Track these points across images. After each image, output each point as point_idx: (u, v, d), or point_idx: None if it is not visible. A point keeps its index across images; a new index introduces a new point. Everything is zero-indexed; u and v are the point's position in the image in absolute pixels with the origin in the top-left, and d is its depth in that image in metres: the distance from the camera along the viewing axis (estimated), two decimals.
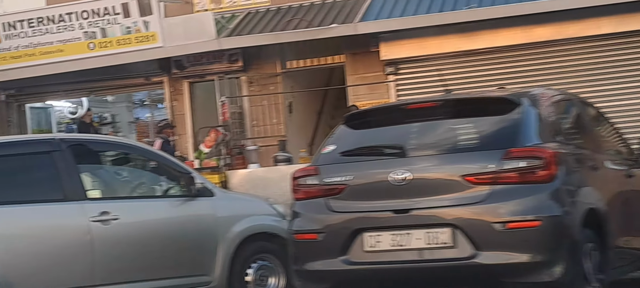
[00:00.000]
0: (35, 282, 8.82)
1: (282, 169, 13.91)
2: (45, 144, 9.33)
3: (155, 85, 19.20)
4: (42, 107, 21.02)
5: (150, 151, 9.91)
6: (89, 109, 20.98)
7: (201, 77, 18.42)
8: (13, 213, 8.86)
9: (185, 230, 9.59)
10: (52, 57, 17.98)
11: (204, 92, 18.72)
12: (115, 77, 18.93)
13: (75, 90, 19.64)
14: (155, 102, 23.84)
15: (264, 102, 17.80)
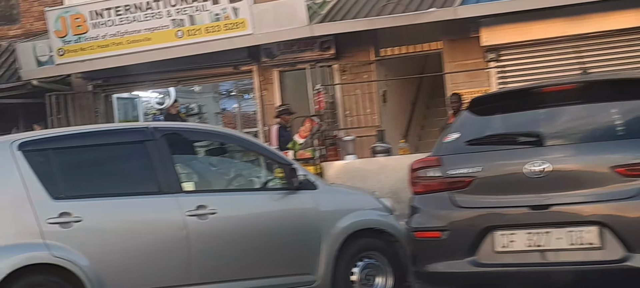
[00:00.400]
0: (127, 279, 8.33)
1: (380, 161, 13.21)
2: (138, 133, 8.79)
3: (244, 74, 18.64)
4: (129, 98, 20.62)
5: (249, 140, 9.26)
6: (176, 100, 20.52)
7: (292, 66, 17.80)
8: (105, 207, 8.36)
9: (286, 226, 8.98)
10: (140, 46, 17.54)
11: (294, 81, 18.11)
12: (203, 66, 18.41)
13: (162, 80, 19.19)
14: (242, 93, 23.30)
15: (357, 91, 17.12)
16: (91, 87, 19.26)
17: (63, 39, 17.91)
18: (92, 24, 17.74)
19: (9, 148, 8.24)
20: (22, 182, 8.10)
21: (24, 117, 19.63)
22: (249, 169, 9.54)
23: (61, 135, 8.76)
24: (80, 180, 8.49)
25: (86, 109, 19.16)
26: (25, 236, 8.02)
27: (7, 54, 20.03)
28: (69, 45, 17.94)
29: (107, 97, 19.60)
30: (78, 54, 17.95)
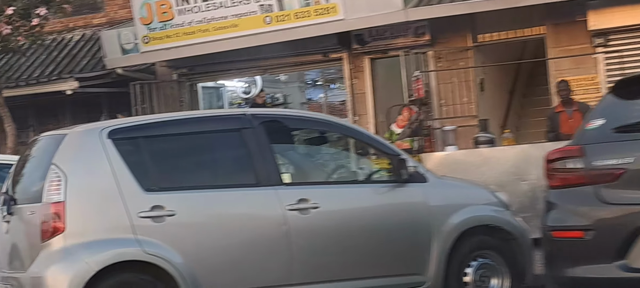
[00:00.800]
0: (223, 279, 7.80)
1: (483, 152, 12.41)
2: (235, 120, 8.18)
3: (334, 62, 17.97)
4: (214, 87, 20.09)
5: (353, 128, 8.58)
6: (262, 89, 19.92)
7: (384, 53, 17.07)
8: (200, 200, 7.78)
9: (394, 222, 8.31)
10: (226, 33, 17.00)
11: (386, 69, 17.39)
12: (290, 54, 17.78)
13: (248, 68, 18.61)
14: (328, 82, 22.60)
15: (453, 79, 16.31)
16: (176, 75, 18.79)
17: (148, 26, 17.45)
18: (177, 11, 17.24)
19: (98, 136, 7.70)
20: (112, 172, 7.57)
21: (107, 107, 19.27)
22: (353, 160, 8.85)
23: (153, 123, 8.19)
24: (173, 171, 7.96)
25: (170, 99, 18.69)
26: (115, 231, 7.52)
27: (91, 42, 19.70)
28: (154, 32, 17.48)
29: (192, 86, 19.10)
30: (163, 41, 17.48)
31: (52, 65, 19.13)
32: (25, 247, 7.77)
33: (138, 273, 7.51)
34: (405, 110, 14.97)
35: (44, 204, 7.46)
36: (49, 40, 18.97)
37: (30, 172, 8.16)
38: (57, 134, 8.07)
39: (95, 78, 18.57)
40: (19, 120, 18.16)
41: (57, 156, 7.60)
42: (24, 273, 7.60)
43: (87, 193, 7.54)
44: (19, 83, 18.54)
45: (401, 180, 8.30)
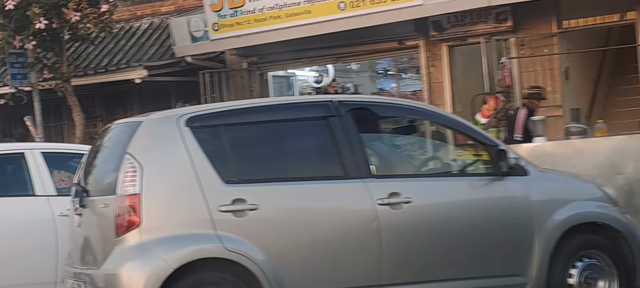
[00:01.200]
0: (308, 278, 7.27)
1: (575, 144, 11.67)
2: (320, 108, 7.61)
3: (410, 49, 17.32)
4: (285, 76, 19.56)
5: (449, 117, 7.94)
6: (334, 79, 19.38)
7: (462, 40, 16.35)
8: (284, 193, 7.24)
9: (493, 218, 7.71)
10: (298, 20, 16.42)
11: (464, 57, 16.69)
12: (364, 42, 17.16)
13: (320, 56, 18.03)
14: (400, 72, 22.00)
15: (536, 68, 15.54)
16: (246, 64, 18.27)
17: (218, 13, 16.96)
18: None
19: (175, 124, 7.18)
20: (190, 163, 7.05)
21: (176, 96, 18.85)
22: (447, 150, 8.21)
23: (233, 110, 7.64)
24: (255, 161, 7.42)
25: (240, 88, 18.18)
26: (193, 225, 7.01)
27: (160, 30, 19.31)
28: (225, 19, 16.98)
29: (262, 75, 18.57)
30: (234, 28, 16.98)
31: (120, 53, 18.77)
32: (98, 241, 7.29)
33: (218, 272, 6.99)
34: (492, 99, 14.29)
35: (119, 196, 6.96)
36: (116, 28, 18.62)
37: (103, 162, 7.66)
38: (131, 121, 7.57)
39: (164, 67, 18.16)
40: (86, 110, 17.89)
41: (132, 145, 7.09)
42: (97, 270, 7.11)
43: (164, 185, 7.03)
44: (87, 72, 18.21)
45: (500, 173, 7.67)
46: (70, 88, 16.83)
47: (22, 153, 9.62)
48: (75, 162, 9.52)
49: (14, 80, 16.69)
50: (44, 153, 9.69)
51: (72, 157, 10.03)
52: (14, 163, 9.72)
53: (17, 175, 9.69)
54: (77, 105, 16.89)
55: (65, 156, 10.10)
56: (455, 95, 16.55)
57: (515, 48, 15.71)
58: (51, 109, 19.25)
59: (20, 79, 16.74)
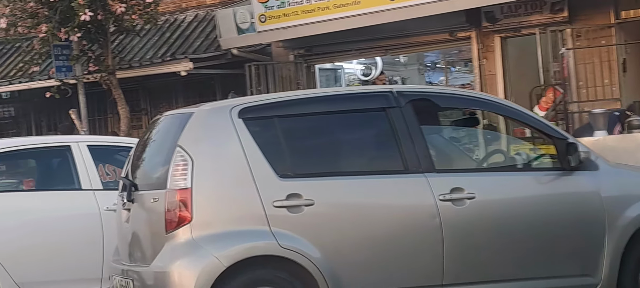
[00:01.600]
0: (367, 278, 6.95)
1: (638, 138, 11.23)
2: (379, 98, 7.27)
3: (461, 41, 16.88)
4: (332, 69, 19.22)
5: (514, 109, 7.53)
6: (383, 72, 19.00)
7: (516, 31, 15.90)
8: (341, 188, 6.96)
9: (561, 215, 7.32)
10: (347, 11, 16.04)
11: (517, 49, 16.25)
12: (414, 33, 16.76)
13: (368, 48, 17.66)
14: (449, 65, 21.58)
15: (593, 60, 15.07)
16: (293, 56, 17.95)
17: (265, 4, 16.65)
18: None
19: (228, 115, 6.86)
20: (244, 155, 6.74)
21: (221, 89, 18.60)
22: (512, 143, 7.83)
23: (288, 100, 7.31)
24: (310, 155, 7.11)
25: (287, 80, 17.87)
26: (246, 221, 6.70)
27: (204, 23, 19.05)
28: (272, 11, 16.66)
29: (309, 67, 18.23)
30: (281, 20, 16.65)
31: (164, 46, 18.54)
32: (147, 237, 7.00)
33: (272, 270, 6.67)
34: (550, 91, 13.87)
35: (169, 191, 6.66)
36: (161, 21, 18.40)
37: (152, 155, 7.37)
38: (182, 112, 7.26)
39: (209, 59, 17.90)
40: (130, 103, 17.69)
41: (183, 137, 6.79)
42: (146, 267, 6.82)
43: (216, 179, 6.72)
44: (132, 64, 17.99)
45: (569, 168, 7.27)
46: (115, 81, 16.64)
47: (68, 146, 9.42)
48: (121, 156, 9.33)
49: (59, 72, 16.52)
50: (90, 146, 9.47)
51: (118, 150, 9.83)
52: (60, 157, 9.53)
53: (63, 168, 9.52)
54: (122, 98, 16.69)
55: (111, 149, 9.91)
56: (507, 88, 16.12)
57: (570, 39, 15.25)
58: (96, 102, 19.09)
59: (65, 71, 16.57)
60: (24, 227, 8.99)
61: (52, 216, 9.11)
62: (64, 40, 16.15)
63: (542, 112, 13.78)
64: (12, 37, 17.06)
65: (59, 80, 16.50)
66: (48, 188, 9.55)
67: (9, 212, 8.98)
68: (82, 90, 16.79)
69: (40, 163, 9.91)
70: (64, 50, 16.48)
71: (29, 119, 21.03)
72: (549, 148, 7.50)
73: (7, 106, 21.88)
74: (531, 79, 15.27)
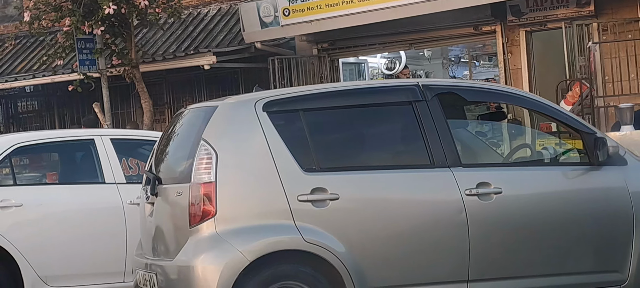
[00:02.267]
0: (391, 273, 6.88)
1: None
2: (405, 92, 7.16)
3: (486, 35, 16.76)
4: (355, 63, 19.13)
5: (541, 102, 7.43)
6: (406, 66, 18.90)
7: (541, 25, 15.77)
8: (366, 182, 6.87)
9: (589, 210, 7.20)
10: (372, 4, 15.95)
11: (542, 43, 16.12)
12: (438, 27, 16.66)
13: (393, 42, 17.55)
14: (473, 59, 21.42)
15: (620, 54, 14.93)
16: (316, 50, 17.88)
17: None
18: None
19: (252, 108, 6.79)
20: (268, 149, 6.67)
21: (244, 83, 18.57)
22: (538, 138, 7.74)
23: (313, 94, 7.23)
24: (335, 149, 7.04)
25: (310, 74, 17.81)
26: (270, 216, 6.64)
27: (228, 16, 19.01)
28: (295, 4, 16.61)
29: (333, 61, 18.16)
30: (304, 14, 16.60)
31: (188, 40, 18.52)
32: (170, 231, 6.96)
33: (297, 265, 6.61)
34: (576, 86, 13.73)
35: (193, 185, 6.61)
36: (185, 14, 18.37)
37: (176, 148, 7.32)
38: (206, 106, 7.21)
39: (232, 53, 17.86)
40: (153, 97, 17.69)
41: (207, 131, 6.73)
42: (170, 262, 6.77)
43: (240, 172, 6.67)
44: (155, 58, 17.98)
45: (597, 163, 7.17)
46: (139, 74, 16.63)
47: (92, 140, 9.40)
48: (145, 149, 9.30)
49: (82, 66, 16.55)
50: (113, 140, 9.45)
51: (141, 144, 9.81)
52: (84, 150, 9.52)
53: (87, 162, 9.52)
54: (145, 91, 16.69)
55: (134, 143, 9.88)
56: (532, 82, 15.99)
57: (597, 33, 15.12)
58: (119, 96, 19.11)
59: (89, 64, 16.60)
60: (47, 221, 8.99)
61: (75, 210, 9.11)
62: (88, 34, 16.17)
63: (569, 106, 13.64)
64: (35, 31, 17.06)
65: (82, 74, 16.51)
66: (71, 182, 9.54)
67: (33, 205, 8.97)
68: (106, 83, 16.79)
69: (63, 157, 9.90)
70: (88, 44, 16.50)
71: (53, 113, 21.07)
72: (576, 143, 7.40)
73: (30, 99, 21.94)
74: (557, 73, 15.15)
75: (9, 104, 22.03)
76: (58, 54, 17.25)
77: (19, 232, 8.83)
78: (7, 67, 20.21)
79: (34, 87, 20.99)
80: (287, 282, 6.55)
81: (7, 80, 19.36)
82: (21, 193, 9.02)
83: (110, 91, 17.03)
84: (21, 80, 19.43)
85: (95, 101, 16.96)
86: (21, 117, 21.76)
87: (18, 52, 20.51)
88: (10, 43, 19.55)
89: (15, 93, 21.25)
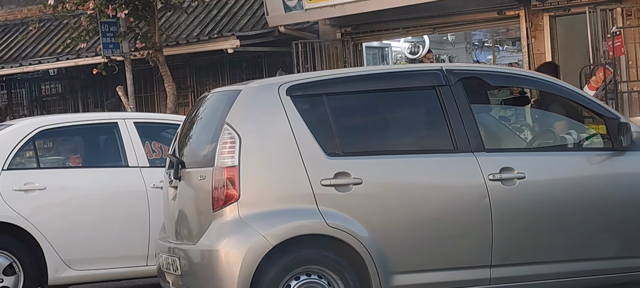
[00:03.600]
0: (414, 258, 6.88)
1: None
2: (429, 76, 7.15)
3: (510, 19, 16.65)
4: (378, 47, 19.07)
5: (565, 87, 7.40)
6: (430, 50, 18.82)
7: (565, 10, 15.66)
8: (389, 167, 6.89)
9: (612, 195, 7.20)
10: None
11: (566, 28, 16.00)
12: (462, 11, 16.58)
13: (416, 26, 17.47)
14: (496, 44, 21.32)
15: None
16: (340, 34, 17.84)
17: None
18: None
19: (276, 92, 6.79)
20: (292, 133, 6.68)
21: (268, 67, 18.56)
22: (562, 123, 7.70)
23: (336, 78, 7.22)
24: (358, 133, 7.04)
25: (333, 59, 17.77)
26: (293, 200, 6.66)
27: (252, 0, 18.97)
28: None
29: (356, 45, 18.11)
30: None
31: (211, 23, 18.53)
32: (193, 215, 6.98)
33: (320, 249, 6.62)
34: (600, 71, 13.64)
35: (216, 169, 6.62)
36: None
37: (200, 132, 7.34)
38: (230, 90, 7.21)
39: (256, 37, 17.85)
40: (177, 81, 17.72)
41: (231, 115, 6.74)
42: (192, 245, 6.80)
43: (264, 157, 6.67)
44: (179, 41, 18.00)
45: (621, 148, 7.14)
46: (162, 58, 16.65)
47: (115, 123, 9.42)
48: (168, 133, 9.31)
49: (106, 49, 16.57)
50: (137, 124, 9.46)
51: (164, 127, 9.82)
52: (107, 134, 9.54)
53: (110, 145, 9.53)
54: (168, 75, 16.71)
55: (158, 126, 9.89)
56: None
57: (621, 18, 15.00)
58: (142, 79, 19.15)
59: (112, 48, 16.62)
60: (70, 204, 9.02)
61: (98, 193, 9.13)
62: (112, 17, 16.19)
63: (592, 91, 13.55)
64: (59, 14, 17.11)
65: (106, 57, 16.54)
66: (95, 166, 9.57)
67: (56, 188, 9.01)
68: (129, 67, 16.83)
69: (87, 140, 9.92)
70: (112, 27, 16.52)
71: (76, 96, 21.15)
72: (599, 128, 7.37)
73: (54, 83, 22.03)
74: (580, 58, 15.04)
75: (33, 87, 22.13)
76: (82, 37, 17.29)
77: (42, 215, 8.87)
78: (31, 50, 20.29)
79: (58, 71, 21.06)
80: (310, 266, 6.56)
81: (30, 64, 19.43)
82: (45, 177, 9.05)
83: (134, 74, 17.06)
84: (45, 64, 19.50)
85: (118, 84, 17.00)
86: (45, 100, 21.85)
87: (42, 35, 20.58)
88: (34, 26, 19.60)
89: (39, 76, 21.34)
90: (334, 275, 6.59)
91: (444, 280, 6.78)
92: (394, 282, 6.67)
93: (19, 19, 21.60)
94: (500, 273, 6.85)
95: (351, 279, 6.59)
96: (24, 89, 22.26)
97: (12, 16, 21.81)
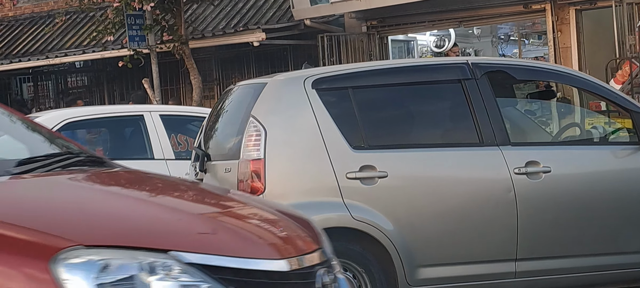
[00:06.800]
0: (439, 251, 6.86)
1: None
2: (454, 70, 7.13)
3: (536, 13, 16.64)
4: (404, 40, 19.05)
5: (591, 81, 7.36)
6: (456, 44, 18.78)
7: (591, 3, 15.61)
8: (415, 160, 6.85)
9: (637, 190, 7.12)
10: None
11: (592, 22, 15.96)
12: (488, 5, 16.55)
13: (442, 20, 17.48)
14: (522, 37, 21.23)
15: None
16: (365, 27, 17.85)
17: None
18: None
19: (302, 85, 6.80)
20: (317, 126, 6.68)
21: (293, 60, 18.59)
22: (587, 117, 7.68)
23: (362, 71, 7.22)
24: (384, 126, 7.03)
25: (359, 52, 17.79)
26: (319, 193, 6.64)
27: None
28: None
29: (382, 39, 18.12)
30: None
31: (237, 16, 18.57)
32: None
33: (345, 242, 6.61)
34: (626, 64, 13.59)
35: (242, 161, 6.63)
36: None
37: (225, 125, 7.37)
38: (255, 82, 7.24)
39: (281, 30, 17.88)
40: (203, 73, 17.76)
41: (256, 108, 6.75)
42: None
43: (289, 150, 6.68)
44: (205, 34, 18.06)
45: None
46: (188, 50, 16.71)
47: (141, 115, 9.45)
48: (194, 126, 9.34)
49: (132, 42, 16.66)
50: (162, 116, 9.50)
51: (190, 120, 9.85)
52: (133, 126, 9.58)
53: (136, 137, 9.57)
54: (194, 68, 16.77)
55: (183, 119, 9.92)
56: (582, 61, 15.86)
57: None
58: (168, 72, 19.22)
59: (138, 40, 16.70)
60: None
61: None
62: (138, 10, 16.26)
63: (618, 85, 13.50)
64: (86, 6, 17.20)
65: (132, 50, 16.61)
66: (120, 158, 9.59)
67: None
68: (155, 59, 16.90)
69: (112, 132, 9.97)
70: (138, 20, 16.59)
71: (102, 88, 21.26)
72: (625, 122, 7.34)
73: (80, 75, 22.15)
74: (606, 52, 15.00)
75: (59, 80, 22.26)
76: (108, 29, 17.38)
77: None
78: (57, 42, 20.41)
79: (84, 63, 21.18)
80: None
81: (57, 56, 19.55)
82: None
83: (160, 67, 17.14)
84: (71, 56, 19.62)
85: (144, 77, 17.07)
86: (71, 93, 21.97)
87: (68, 27, 20.69)
88: (61, 18, 19.71)
89: (65, 68, 21.47)
90: (359, 268, 6.60)
91: (469, 274, 6.77)
92: (419, 275, 6.67)
93: (46, 11, 21.72)
94: (525, 267, 6.84)
95: (376, 272, 6.60)
96: (50, 81, 22.41)
97: (38, 8, 21.94)
